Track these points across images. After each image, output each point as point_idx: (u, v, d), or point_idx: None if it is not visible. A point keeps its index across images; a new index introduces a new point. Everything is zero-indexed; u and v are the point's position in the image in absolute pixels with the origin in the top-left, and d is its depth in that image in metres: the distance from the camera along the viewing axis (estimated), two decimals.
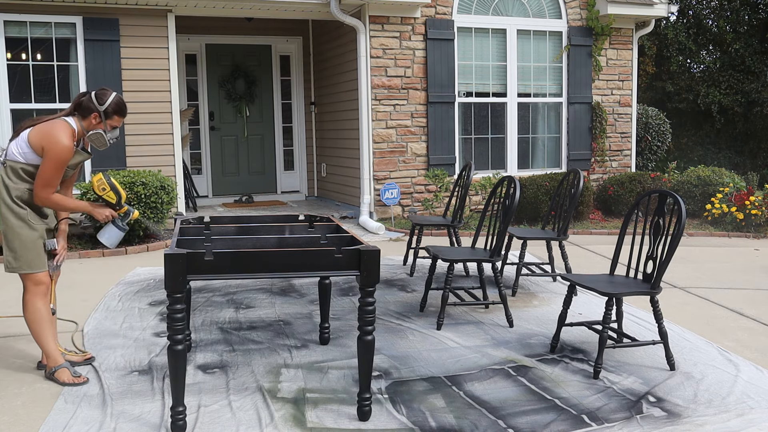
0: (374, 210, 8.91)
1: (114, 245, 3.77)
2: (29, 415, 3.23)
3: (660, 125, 11.61)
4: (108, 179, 3.60)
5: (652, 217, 4.06)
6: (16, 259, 3.53)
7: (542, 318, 4.81)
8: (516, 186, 4.49)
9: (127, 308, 5.08)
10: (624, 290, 3.72)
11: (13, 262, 3.54)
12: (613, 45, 10.17)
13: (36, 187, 3.46)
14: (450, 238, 6.15)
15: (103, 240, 3.72)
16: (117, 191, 3.62)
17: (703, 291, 5.62)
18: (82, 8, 7.92)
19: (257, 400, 3.39)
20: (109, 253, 7.06)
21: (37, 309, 3.59)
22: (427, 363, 3.92)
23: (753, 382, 3.62)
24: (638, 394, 3.47)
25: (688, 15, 15.76)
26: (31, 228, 3.53)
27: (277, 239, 3.44)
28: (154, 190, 7.27)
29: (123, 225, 3.72)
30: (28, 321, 3.61)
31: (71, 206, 3.56)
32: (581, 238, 8.14)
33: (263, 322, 4.72)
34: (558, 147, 10.08)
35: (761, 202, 8.38)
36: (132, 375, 3.73)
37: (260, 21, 10.68)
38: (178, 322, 2.92)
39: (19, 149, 3.49)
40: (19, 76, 7.83)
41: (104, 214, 3.66)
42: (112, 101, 3.59)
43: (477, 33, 9.35)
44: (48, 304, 3.65)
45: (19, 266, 3.54)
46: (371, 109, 8.80)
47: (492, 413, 3.25)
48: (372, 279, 3.05)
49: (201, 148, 10.82)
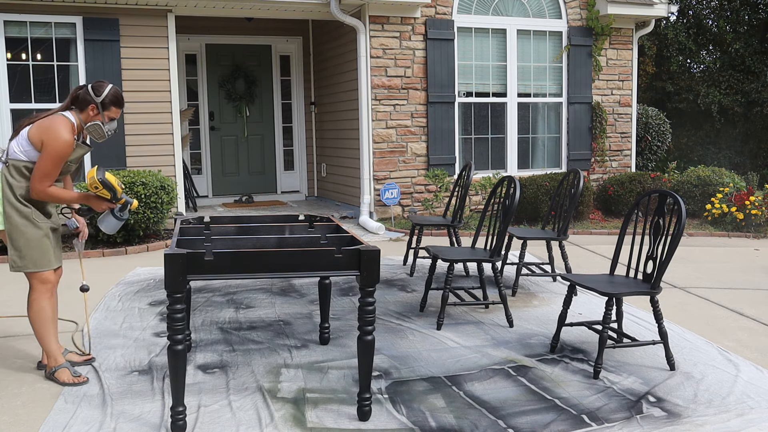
0: (374, 210, 8.91)
1: (113, 232, 3.80)
2: (29, 415, 3.23)
3: (660, 125, 11.61)
4: (100, 176, 3.56)
5: (652, 217, 4.06)
6: (21, 258, 3.53)
7: (542, 318, 4.81)
8: (516, 186, 4.49)
9: (127, 308, 5.08)
10: (624, 290, 3.72)
11: (18, 261, 3.54)
12: (613, 45, 10.17)
13: (33, 180, 3.45)
14: (450, 238, 6.15)
15: (101, 227, 3.73)
16: (110, 187, 3.57)
17: (703, 291, 5.62)
18: (82, 8, 7.92)
19: (257, 400, 3.39)
20: (109, 253, 7.06)
21: (42, 308, 3.59)
22: (427, 363, 3.92)
23: (753, 382, 3.62)
24: (638, 394, 3.47)
25: (688, 15, 15.76)
26: (36, 226, 3.53)
27: (277, 239, 3.44)
28: (154, 190, 7.27)
29: (120, 215, 3.70)
30: (32, 319, 3.61)
31: (69, 198, 3.55)
32: (581, 238, 8.14)
33: (263, 322, 4.72)
34: (558, 147, 10.08)
35: (761, 202, 8.38)
36: (132, 375, 3.73)
37: (260, 21, 10.68)
38: (178, 322, 2.92)
39: (20, 147, 3.50)
40: (19, 76, 7.83)
41: (102, 206, 3.65)
42: (108, 92, 3.59)
43: (477, 33, 9.35)
44: (53, 303, 3.65)
45: (24, 265, 3.54)
46: (371, 109, 8.80)
47: (492, 413, 3.25)
48: (372, 279, 3.05)
49: (201, 148, 10.82)
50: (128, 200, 3.68)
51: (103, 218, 3.71)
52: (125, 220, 3.74)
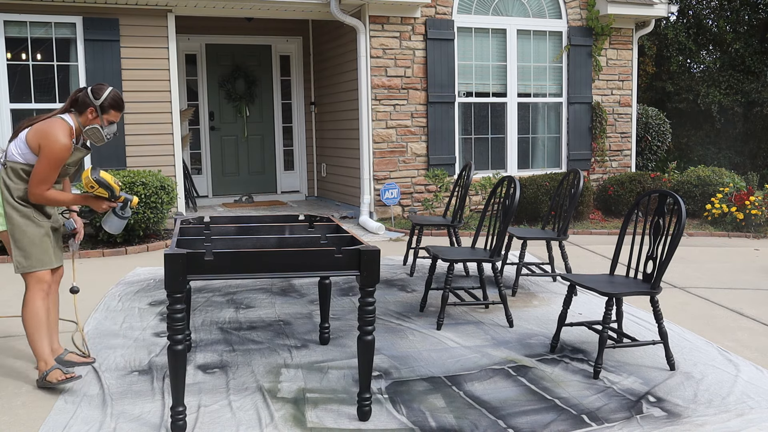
0: (374, 210, 8.91)
1: (118, 231, 3.76)
2: (29, 415, 3.23)
3: (660, 125, 11.61)
4: (95, 175, 3.49)
5: (652, 217, 4.06)
6: (27, 258, 3.51)
7: (542, 318, 4.81)
8: (516, 186, 4.49)
9: (127, 308, 5.08)
10: (624, 290, 3.72)
11: (23, 262, 3.51)
12: (613, 45, 10.17)
13: (31, 184, 3.44)
14: (450, 238, 6.15)
15: (106, 228, 3.66)
16: (106, 185, 3.51)
17: (703, 291, 5.62)
18: (82, 8, 7.92)
19: (257, 400, 3.39)
20: (109, 253, 7.06)
21: (37, 308, 3.55)
22: (427, 363, 3.92)
23: (753, 382, 3.62)
24: (638, 394, 3.47)
25: (688, 15, 15.76)
26: (37, 225, 3.53)
27: (277, 239, 3.44)
28: (154, 190, 7.27)
29: (122, 214, 3.65)
30: (25, 320, 3.56)
31: (67, 200, 3.52)
32: (581, 238, 8.14)
33: (263, 322, 4.72)
34: (558, 147, 10.08)
35: (761, 202, 8.38)
36: (132, 375, 3.73)
37: (260, 21, 10.68)
38: (178, 322, 2.92)
39: (18, 150, 3.48)
40: (19, 76, 7.83)
41: (102, 206, 3.61)
42: (108, 96, 3.55)
43: (477, 33, 9.35)
44: (47, 304, 3.62)
45: (30, 264, 3.51)
46: (371, 109, 8.80)
47: (492, 413, 3.25)
48: (372, 279, 3.05)
49: (201, 148, 10.82)
50: (128, 197, 3.63)
51: (107, 219, 3.67)
52: (128, 218, 3.69)
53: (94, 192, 3.55)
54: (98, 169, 3.53)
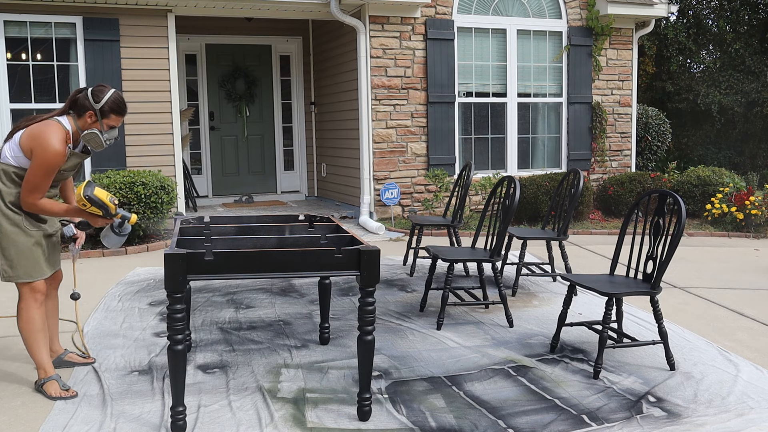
0: (374, 210, 8.92)
1: (116, 247, 3.66)
2: (29, 415, 3.23)
3: (660, 125, 11.61)
4: (88, 192, 3.25)
5: (652, 217, 4.06)
6: (12, 268, 3.34)
7: (542, 318, 4.81)
8: (516, 186, 4.49)
9: (127, 308, 5.08)
10: (624, 290, 3.72)
11: (9, 271, 3.35)
12: (613, 45, 10.17)
13: (23, 192, 3.25)
14: (450, 238, 6.15)
15: (104, 242, 3.51)
16: (99, 204, 3.29)
17: (703, 291, 5.62)
18: (82, 8, 7.92)
19: (257, 400, 3.39)
20: (109, 253, 7.06)
21: (32, 318, 3.41)
22: (427, 363, 3.92)
23: (753, 382, 3.62)
24: (638, 394, 3.47)
25: (688, 15, 15.76)
26: (26, 234, 3.35)
27: (277, 239, 3.44)
28: (154, 190, 7.27)
29: (120, 231, 3.47)
30: (21, 329, 3.43)
31: (59, 211, 3.33)
32: (581, 238, 8.14)
33: (263, 322, 4.72)
34: (558, 147, 10.08)
35: (761, 202, 8.38)
36: (132, 375, 3.73)
37: (260, 21, 10.68)
38: (178, 322, 2.92)
39: (11, 152, 3.30)
40: (19, 76, 7.83)
41: (97, 222, 3.42)
42: (108, 99, 3.32)
43: (477, 33, 9.35)
44: (43, 312, 3.47)
45: (16, 275, 3.35)
46: (371, 109, 8.80)
47: (492, 413, 3.25)
48: (372, 279, 3.05)
49: (201, 148, 10.82)
50: (125, 215, 3.41)
51: (105, 234, 3.49)
52: (127, 236, 3.55)
53: (88, 210, 3.34)
54: (93, 185, 3.32)
